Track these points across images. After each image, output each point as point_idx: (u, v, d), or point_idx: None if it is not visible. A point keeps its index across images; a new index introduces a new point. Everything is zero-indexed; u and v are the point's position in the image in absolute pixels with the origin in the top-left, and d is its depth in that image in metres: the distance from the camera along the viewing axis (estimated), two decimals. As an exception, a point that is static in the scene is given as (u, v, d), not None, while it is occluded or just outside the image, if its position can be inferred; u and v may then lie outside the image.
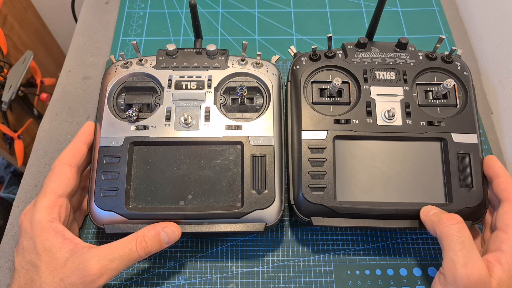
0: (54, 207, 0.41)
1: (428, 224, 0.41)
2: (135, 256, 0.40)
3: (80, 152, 0.45)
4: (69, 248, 0.39)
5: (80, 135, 0.46)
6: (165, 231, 0.41)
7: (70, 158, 0.44)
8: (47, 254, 0.39)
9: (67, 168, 0.43)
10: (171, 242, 0.42)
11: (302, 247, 0.48)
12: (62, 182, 0.42)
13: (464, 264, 0.36)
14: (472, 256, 0.36)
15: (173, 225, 0.42)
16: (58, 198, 0.42)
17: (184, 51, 0.51)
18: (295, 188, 0.45)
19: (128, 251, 0.39)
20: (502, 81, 0.59)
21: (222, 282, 0.46)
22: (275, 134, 0.46)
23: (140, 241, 0.40)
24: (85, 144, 0.46)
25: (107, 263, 0.38)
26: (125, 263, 0.39)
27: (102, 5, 0.71)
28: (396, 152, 0.46)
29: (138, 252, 0.40)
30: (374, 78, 0.49)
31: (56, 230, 0.40)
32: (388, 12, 0.70)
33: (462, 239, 0.37)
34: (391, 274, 0.47)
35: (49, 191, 0.42)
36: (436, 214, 0.41)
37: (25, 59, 0.93)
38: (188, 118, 0.46)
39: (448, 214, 0.40)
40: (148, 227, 0.41)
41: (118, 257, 0.39)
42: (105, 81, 0.50)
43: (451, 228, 0.38)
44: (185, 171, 0.45)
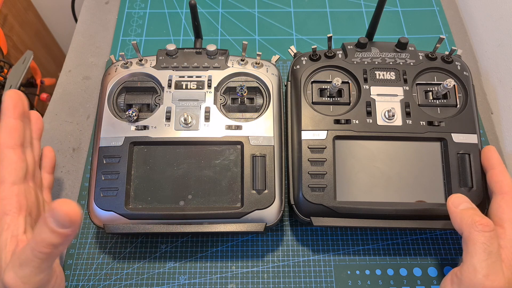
0: (10, 198, 0.36)
1: (456, 218, 0.39)
2: (40, 255, 0.32)
3: (16, 129, 0.39)
4: (12, 248, 0.35)
5: (6, 111, 0.39)
6: (52, 215, 0.31)
7: (8, 140, 0.38)
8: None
9: (9, 151, 0.38)
10: (68, 226, 0.31)
11: (302, 247, 0.48)
12: (10, 167, 0.37)
13: (486, 274, 0.35)
14: (496, 268, 0.35)
15: (61, 204, 0.30)
16: (12, 187, 0.37)
17: (184, 51, 0.51)
18: (295, 188, 0.45)
19: (31, 251, 0.32)
20: (502, 81, 0.59)
21: (222, 282, 0.46)
22: (275, 134, 0.47)
23: (36, 237, 0.32)
24: (17, 119, 0.39)
25: (17, 270, 0.32)
26: (35, 265, 0.32)
27: (102, 5, 0.71)
28: (396, 152, 0.46)
29: (39, 250, 0.32)
30: (374, 78, 0.49)
31: (8, 225, 0.35)
32: (388, 12, 0.70)
33: (491, 249, 0.36)
34: (391, 274, 0.47)
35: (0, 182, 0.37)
36: (469, 212, 0.38)
37: (25, 59, 0.93)
38: (188, 118, 0.46)
39: (482, 218, 0.37)
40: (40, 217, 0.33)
41: (24, 262, 0.32)
42: (105, 81, 0.50)
43: (484, 235, 0.36)
44: (185, 171, 0.45)
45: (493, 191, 0.42)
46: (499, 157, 0.44)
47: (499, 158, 0.44)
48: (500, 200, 0.41)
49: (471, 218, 0.37)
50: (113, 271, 0.47)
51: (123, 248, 0.48)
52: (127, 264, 0.47)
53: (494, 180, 0.42)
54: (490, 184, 0.43)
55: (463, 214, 0.38)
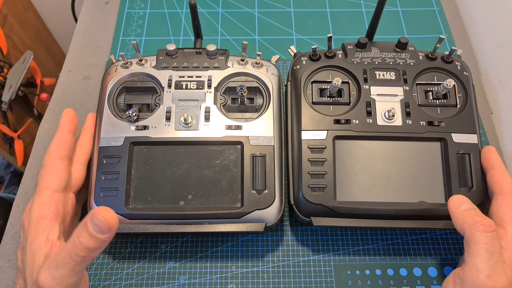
0: (50, 204, 0.39)
1: (457, 219, 0.39)
2: (76, 258, 0.33)
3: (67, 142, 0.43)
4: (45, 251, 0.37)
5: (62, 125, 0.44)
6: (93, 221, 0.33)
7: (58, 151, 0.42)
8: (30, 256, 0.37)
9: (58, 161, 0.42)
10: (107, 232, 0.33)
11: (302, 247, 0.48)
12: (55, 176, 0.41)
13: (488, 275, 0.35)
14: (498, 268, 0.35)
15: (102, 211, 0.33)
16: (54, 194, 0.40)
17: (184, 51, 0.51)
18: (295, 188, 0.45)
19: (67, 254, 0.34)
20: (502, 81, 0.59)
21: (222, 282, 0.46)
22: (275, 134, 0.46)
23: (74, 240, 0.34)
24: (70, 133, 0.44)
25: (53, 271, 0.34)
26: (70, 267, 0.34)
27: (102, 5, 0.71)
28: (396, 152, 0.46)
29: (77, 253, 0.33)
30: (374, 78, 0.49)
31: (44, 228, 0.38)
32: (388, 12, 0.70)
33: (493, 249, 0.36)
34: (391, 274, 0.47)
35: (43, 187, 0.40)
36: (470, 213, 0.38)
37: (25, 59, 0.93)
38: (188, 118, 0.46)
39: (484, 219, 0.37)
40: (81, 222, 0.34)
41: (60, 263, 0.34)
42: (105, 81, 0.50)
43: (485, 235, 0.36)
44: (185, 171, 0.45)
45: (494, 191, 0.42)
46: (499, 157, 0.44)
47: (498, 158, 0.44)
48: (500, 200, 0.41)
49: (473, 218, 0.37)
50: (113, 271, 0.47)
51: (123, 248, 0.48)
52: (127, 264, 0.47)
53: (494, 181, 0.42)
54: (490, 185, 0.43)
55: (464, 215, 0.38)
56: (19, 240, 0.49)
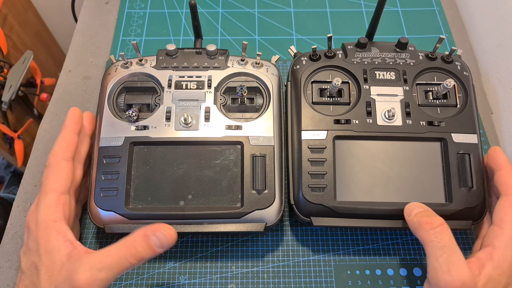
0: (57, 206, 0.39)
1: (410, 226, 0.39)
2: (126, 265, 0.36)
3: (72, 143, 0.43)
4: (67, 251, 0.37)
5: (67, 125, 0.43)
6: (156, 235, 0.36)
7: (63, 152, 0.42)
8: (47, 257, 0.37)
9: (63, 162, 0.41)
10: (165, 247, 0.37)
11: (302, 247, 0.48)
12: (61, 178, 0.40)
13: (446, 270, 0.35)
14: (454, 261, 0.35)
15: (166, 227, 0.37)
16: (60, 196, 0.40)
17: (184, 51, 0.51)
18: (295, 188, 0.45)
19: (118, 259, 0.36)
20: (502, 81, 0.59)
21: (222, 282, 0.46)
22: (275, 134, 0.46)
23: (129, 248, 0.36)
24: (75, 133, 0.43)
25: (95, 273, 0.35)
26: (115, 272, 0.36)
27: (102, 5, 0.71)
28: (396, 152, 0.46)
29: (128, 260, 0.36)
30: (374, 78, 0.49)
31: (58, 230, 0.38)
32: (388, 12, 0.70)
33: (442, 244, 0.36)
34: (391, 274, 0.47)
35: (49, 189, 0.40)
36: (417, 215, 0.39)
37: (25, 59, 0.93)
38: (188, 118, 0.46)
39: (428, 217, 0.38)
40: (138, 231, 0.37)
41: (107, 266, 0.35)
42: (105, 81, 0.50)
43: (430, 233, 0.37)
44: (185, 171, 0.45)
45: (500, 192, 0.41)
46: (506, 157, 0.43)
47: (506, 159, 0.43)
48: (504, 201, 0.40)
49: (418, 220, 0.38)
50: (113, 271, 0.47)
51: (123, 248, 0.48)
52: (127, 264, 0.47)
53: (501, 181, 0.42)
54: (497, 185, 0.42)
55: (413, 220, 0.39)
56: (19, 240, 0.49)
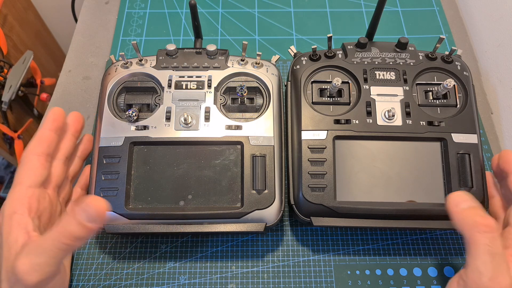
0: (22, 198, 0.39)
1: (457, 218, 0.37)
2: (61, 246, 0.34)
3: (47, 139, 0.42)
4: (23, 242, 0.36)
5: (44, 123, 0.43)
6: (82, 208, 0.34)
7: (36, 147, 0.42)
8: (6, 249, 0.36)
9: (34, 157, 0.41)
10: (97, 221, 0.34)
11: (302, 247, 0.48)
12: (30, 172, 0.40)
13: (491, 277, 0.34)
14: (501, 270, 0.34)
15: (92, 199, 0.34)
16: (27, 189, 0.39)
17: (184, 51, 0.51)
18: (295, 188, 0.45)
19: (52, 241, 0.34)
20: (502, 81, 0.59)
21: (222, 282, 0.46)
22: (275, 134, 0.46)
23: (61, 228, 0.34)
24: (51, 131, 0.43)
25: (33, 258, 0.34)
26: (53, 255, 0.34)
27: (102, 5, 0.71)
28: (396, 152, 0.46)
29: (62, 241, 0.34)
30: (374, 78, 0.49)
31: (19, 222, 0.37)
32: (388, 12, 0.70)
33: (494, 250, 0.34)
34: (391, 274, 0.47)
35: (17, 183, 0.40)
36: (470, 212, 0.37)
37: (25, 59, 0.93)
38: (188, 118, 0.46)
39: (484, 219, 0.36)
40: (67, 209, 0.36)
41: (44, 250, 0.34)
42: (105, 81, 0.50)
43: (485, 236, 0.35)
44: (185, 171, 0.45)
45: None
46: None
47: None
48: None
49: (472, 219, 0.36)
50: (113, 271, 0.47)
51: (123, 248, 0.48)
52: (127, 264, 0.47)
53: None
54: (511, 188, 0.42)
55: (464, 214, 0.37)
56: (19, 240, 0.49)
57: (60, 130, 0.44)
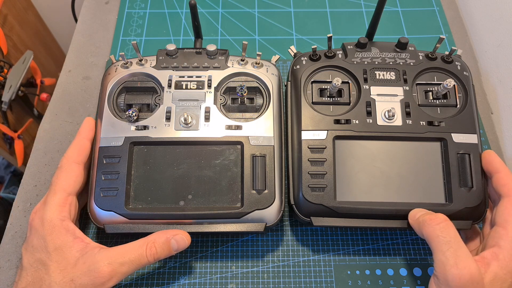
0: (64, 205, 0.41)
1: (415, 227, 0.41)
2: (144, 261, 0.40)
3: (85, 149, 0.45)
4: (79, 247, 0.39)
5: (82, 132, 0.46)
6: (176, 238, 0.41)
7: (76, 156, 0.44)
8: (57, 253, 0.39)
9: (75, 165, 0.44)
10: (180, 250, 0.42)
11: (302, 247, 0.48)
12: (71, 180, 0.43)
13: (453, 264, 0.36)
14: (460, 255, 0.36)
15: (184, 233, 0.42)
16: (68, 196, 0.42)
17: (184, 51, 0.51)
18: (295, 188, 0.45)
19: (138, 256, 0.39)
20: (502, 81, 0.59)
21: (222, 282, 0.46)
22: (275, 134, 0.46)
23: (150, 247, 0.40)
24: (89, 141, 0.46)
25: (118, 266, 0.38)
26: (134, 267, 0.40)
27: (102, 5, 0.71)
28: (396, 152, 0.46)
29: (148, 258, 0.40)
30: (374, 78, 0.49)
31: (67, 229, 0.40)
32: (388, 12, 0.70)
33: (447, 238, 0.37)
34: (391, 274, 0.47)
35: (58, 189, 0.42)
36: (422, 215, 0.40)
37: (25, 59, 0.93)
38: (188, 118, 0.46)
39: (432, 215, 0.39)
40: (158, 233, 0.41)
41: (128, 261, 0.39)
42: (105, 81, 0.50)
43: (436, 228, 0.38)
44: (185, 171, 0.45)
45: (501, 194, 0.42)
46: (501, 160, 0.44)
47: (501, 162, 0.44)
48: (507, 202, 0.41)
49: (422, 219, 0.40)
50: (113, 271, 0.47)
51: (123, 248, 0.48)
52: (127, 264, 0.47)
53: (501, 184, 0.42)
54: (497, 188, 0.43)
55: (418, 221, 0.40)
56: (19, 240, 0.49)
57: (92, 140, 0.47)
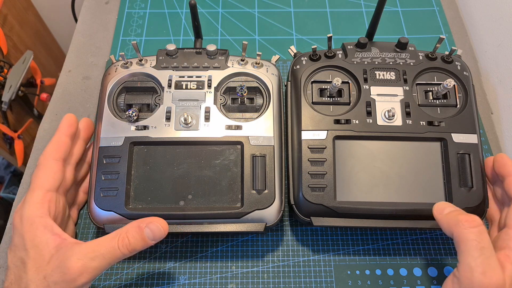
0: (43, 202, 0.40)
1: (443, 223, 0.39)
2: (118, 254, 0.38)
3: (64, 144, 0.44)
4: (55, 244, 0.38)
5: (61, 128, 0.45)
6: (150, 227, 0.39)
7: (54, 152, 0.43)
8: (34, 251, 0.38)
9: (52, 162, 0.42)
10: (157, 239, 0.39)
11: (302, 247, 0.48)
12: (49, 176, 0.41)
13: (482, 272, 0.35)
14: (491, 264, 0.35)
15: (159, 220, 0.40)
16: (47, 193, 0.41)
17: (184, 51, 0.51)
18: (295, 188, 0.45)
19: (110, 248, 0.37)
20: (502, 81, 0.59)
21: (222, 282, 0.46)
22: (275, 134, 0.46)
23: (122, 238, 0.38)
24: (67, 136, 0.44)
25: (88, 261, 0.37)
26: (107, 261, 0.37)
27: (102, 5, 0.71)
28: (396, 152, 0.46)
29: (120, 250, 0.38)
30: (374, 78, 0.49)
31: (45, 225, 0.39)
32: (388, 12, 0.70)
33: (482, 244, 0.35)
34: (391, 274, 0.47)
35: (36, 186, 0.41)
36: (453, 214, 0.39)
37: (25, 59, 0.93)
38: (188, 118, 0.46)
39: (468, 216, 0.37)
40: (131, 223, 0.39)
41: (99, 255, 0.37)
42: (105, 81, 0.50)
43: (471, 232, 0.36)
44: (185, 171, 0.45)
45: None
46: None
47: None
48: None
49: (456, 218, 0.38)
50: (113, 271, 0.47)
51: (123, 248, 0.48)
52: (127, 264, 0.47)
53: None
54: (508, 190, 0.42)
55: (448, 217, 0.39)
56: (19, 240, 0.49)
57: (74, 136, 0.46)
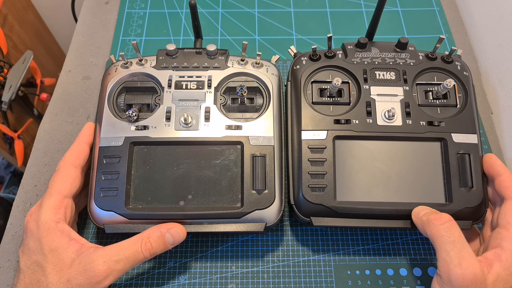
0: (60, 208, 0.41)
1: (419, 225, 0.41)
2: (140, 257, 0.40)
3: (83, 152, 0.45)
4: (75, 248, 0.40)
5: (81, 136, 0.47)
6: (170, 232, 0.41)
7: (74, 159, 0.44)
8: (53, 255, 0.39)
9: (72, 169, 0.44)
10: (176, 243, 0.42)
11: (302, 247, 0.48)
12: (68, 183, 0.43)
13: (457, 264, 0.36)
14: (464, 255, 0.36)
15: (178, 226, 0.42)
16: (64, 199, 0.42)
17: (184, 51, 0.51)
18: (295, 188, 0.45)
19: (133, 252, 0.40)
20: (502, 81, 0.59)
21: (222, 282, 0.46)
22: (275, 134, 0.46)
23: (145, 242, 0.40)
24: (87, 145, 0.46)
25: (113, 264, 0.39)
26: (130, 264, 0.40)
27: (102, 5, 0.71)
28: (396, 152, 0.46)
29: (143, 253, 0.40)
30: (374, 78, 0.49)
31: (62, 230, 0.40)
32: (388, 12, 0.70)
33: (452, 238, 0.37)
34: (391, 274, 0.47)
35: (54, 192, 0.42)
36: (426, 214, 0.41)
37: (25, 59, 0.93)
38: (188, 118, 0.46)
39: (437, 214, 0.40)
40: (153, 228, 0.41)
41: (124, 258, 0.39)
42: (105, 81, 0.50)
43: (440, 228, 0.38)
44: (185, 171, 0.45)
45: (504, 196, 0.42)
46: (502, 163, 0.44)
47: (502, 164, 0.44)
48: (510, 204, 0.41)
49: (427, 217, 0.40)
50: (113, 271, 0.47)
51: (123, 248, 0.48)
52: (127, 264, 0.47)
53: (504, 186, 0.42)
54: (499, 191, 0.43)
55: (422, 219, 0.41)
56: (19, 240, 0.49)
57: (92, 145, 0.47)
